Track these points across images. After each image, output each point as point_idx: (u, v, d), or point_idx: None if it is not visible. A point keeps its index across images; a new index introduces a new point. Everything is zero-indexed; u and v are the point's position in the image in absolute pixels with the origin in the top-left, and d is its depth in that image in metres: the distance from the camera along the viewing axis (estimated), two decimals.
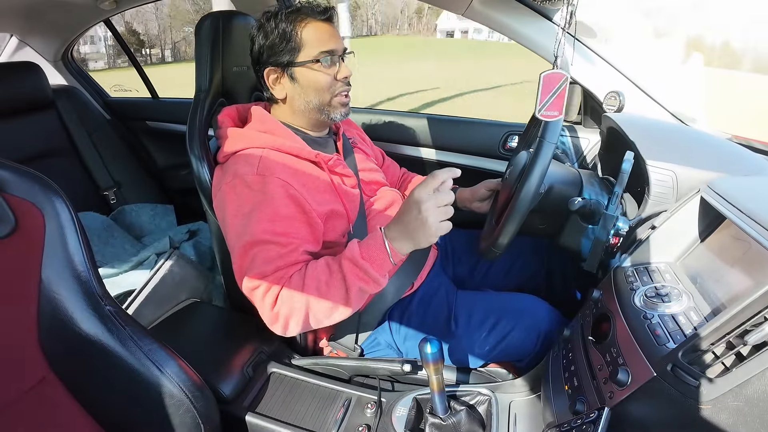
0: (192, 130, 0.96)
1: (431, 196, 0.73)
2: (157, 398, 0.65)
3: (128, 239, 1.74)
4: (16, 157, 1.63)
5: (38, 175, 0.62)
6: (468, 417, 0.76)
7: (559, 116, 0.77)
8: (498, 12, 1.19)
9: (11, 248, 0.59)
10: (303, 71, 0.90)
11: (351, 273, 0.78)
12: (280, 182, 0.83)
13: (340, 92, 0.93)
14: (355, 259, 0.78)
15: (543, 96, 0.73)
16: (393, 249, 0.78)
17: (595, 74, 1.20)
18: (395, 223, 0.79)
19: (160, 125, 2.12)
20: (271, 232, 0.81)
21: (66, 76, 2.06)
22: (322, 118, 0.95)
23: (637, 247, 0.80)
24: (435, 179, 0.74)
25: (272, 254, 0.81)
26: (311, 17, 0.89)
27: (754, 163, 0.86)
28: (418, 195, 0.74)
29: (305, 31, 0.88)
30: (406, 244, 0.77)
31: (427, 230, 0.74)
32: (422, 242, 0.76)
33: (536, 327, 0.93)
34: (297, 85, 0.91)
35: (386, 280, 0.81)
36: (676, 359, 0.54)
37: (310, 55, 0.89)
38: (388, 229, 0.80)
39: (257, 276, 0.80)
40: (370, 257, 0.78)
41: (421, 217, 0.73)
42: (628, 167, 0.75)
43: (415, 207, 0.74)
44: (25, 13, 1.68)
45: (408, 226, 0.76)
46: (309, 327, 0.82)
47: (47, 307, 0.60)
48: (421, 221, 0.73)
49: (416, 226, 0.74)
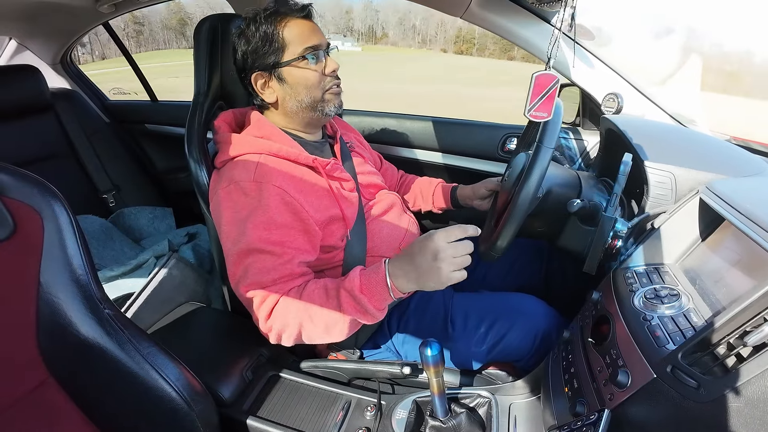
0: (190, 133, 0.96)
1: (451, 246, 0.70)
2: (155, 402, 0.64)
3: (127, 242, 1.74)
4: (15, 161, 1.62)
5: (37, 179, 0.62)
6: (468, 419, 0.76)
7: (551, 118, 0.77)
8: (496, 14, 1.19)
9: (10, 252, 0.58)
10: (290, 71, 0.90)
11: (347, 304, 0.77)
12: (277, 190, 0.83)
13: (330, 86, 0.93)
14: (353, 292, 0.76)
15: (533, 96, 0.73)
16: (395, 287, 0.75)
17: (594, 76, 1.21)
18: (403, 261, 0.74)
19: (159, 128, 2.12)
20: (266, 240, 0.80)
21: (65, 79, 2.06)
22: (316, 116, 0.95)
23: (636, 248, 0.80)
24: (459, 230, 0.71)
25: (267, 264, 0.80)
26: (291, 16, 0.89)
27: (752, 165, 0.86)
28: (438, 242, 0.70)
29: (287, 30, 0.88)
30: (409, 284, 0.74)
31: (439, 278, 0.70)
32: (428, 287, 0.73)
33: (534, 327, 0.92)
34: (286, 86, 0.91)
35: (383, 314, 0.79)
36: (676, 361, 0.54)
37: (295, 54, 0.88)
38: (393, 265, 0.75)
39: (253, 286, 0.80)
40: (370, 291, 0.76)
41: (435, 265, 0.70)
42: (627, 169, 0.75)
43: (431, 253, 0.70)
44: (25, 16, 1.68)
45: (418, 270, 0.72)
46: (300, 342, 0.83)
47: (46, 311, 0.60)
48: (435, 269, 0.70)
49: (428, 271, 0.71)
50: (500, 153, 1.46)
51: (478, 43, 72.57)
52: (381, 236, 0.99)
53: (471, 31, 70.92)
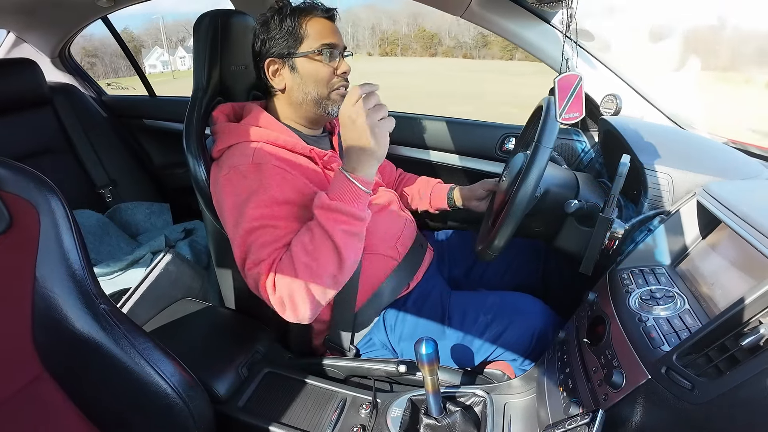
0: (189, 128, 0.96)
1: (356, 106, 0.75)
2: (150, 397, 0.64)
3: (124, 237, 1.73)
4: (12, 154, 1.62)
5: (34, 173, 0.61)
6: (463, 418, 0.76)
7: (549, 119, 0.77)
8: (496, 14, 1.19)
9: (5, 246, 0.58)
10: (303, 62, 0.91)
11: (327, 220, 0.78)
12: (277, 169, 0.84)
13: (338, 87, 0.94)
14: (324, 205, 0.78)
15: (561, 101, 0.73)
16: (357, 177, 0.79)
17: (593, 77, 1.21)
18: (345, 153, 0.80)
19: (157, 123, 2.11)
20: (268, 216, 0.81)
21: (63, 74, 2.05)
22: (319, 112, 0.95)
23: (632, 249, 0.80)
24: (353, 94, 0.76)
25: (267, 238, 0.81)
26: (315, 14, 0.91)
27: (749, 167, 0.87)
28: (344, 109, 0.77)
29: (309, 25, 0.90)
30: (365, 163, 0.78)
31: (373, 134, 0.75)
32: (376, 148, 0.77)
33: (531, 325, 0.93)
34: (297, 75, 0.92)
35: (366, 213, 0.81)
36: (670, 362, 0.54)
37: (312, 47, 0.90)
38: (344, 163, 0.80)
39: (254, 263, 0.80)
40: (339, 196, 0.78)
41: (357, 126, 0.75)
42: (625, 170, 0.75)
43: (349, 122, 0.76)
44: (23, 9, 1.67)
45: (355, 144, 0.77)
46: (317, 302, 0.80)
47: (41, 305, 0.59)
48: (362, 130, 0.75)
49: (359, 137, 0.76)
50: (498, 153, 1.46)
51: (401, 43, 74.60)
52: (378, 233, 0.98)
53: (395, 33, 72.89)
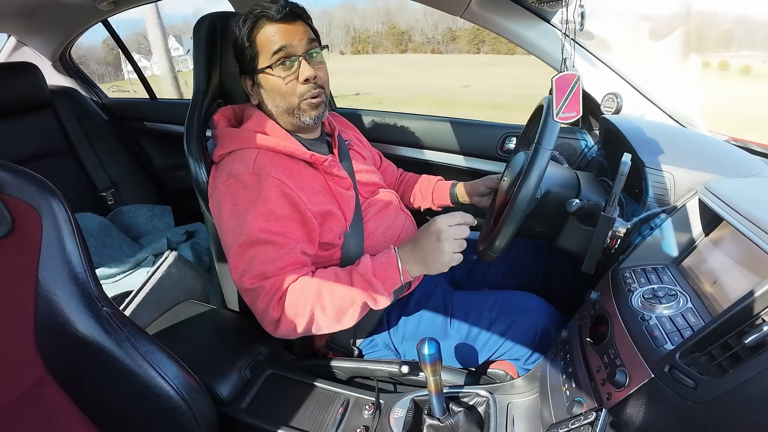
0: (189, 131, 0.96)
1: (453, 228, 0.77)
2: (153, 400, 0.64)
3: (125, 240, 1.73)
4: (14, 158, 1.62)
5: (35, 176, 0.61)
6: (466, 418, 0.76)
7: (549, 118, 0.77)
8: (496, 14, 1.19)
9: (8, 249, 0.58)
10: (265, 77, 0.89)
11: (360, 287, 0.79)
12: (276, 181, 0.83)
13: (307, 97, 0.89)
14: (366, 275, 0.80)
15: (558, 100, 0.74)
16: (405, 270, 0.80)
17: (593, 76, 1.21)
18: (410, 245, 0.81)
19: (158, 126, 2.11)
20: (267, 231, 0.81)
21: (64, 77, 2.05)
22: (295, 122, 0.93)
23: (634, 248, 0.80)
24: (459, 215, 0.79)
25: (270, 255, 0.80)
26: (264, 19, 0.86)
27: (751, 165, 0.86)
28: (441, 223, 0.77)
29: (260, 36, 0.86)
30: (417, 267, 0.80)
31: (442, 258, 0.77)
32: (433, 268, 0.79)
33: (534, 324, 0.93)
34: (263, 91, 0.91)
35: (390, 301, 0.83)
36: (673, 361, 0.54)
37: (267, 60, 0.87)
38: (402, 249, 0.81)
39: (258, 277, 0.80)
40: (382, 274, 0.80)
41: (439, 245, 0.76)
42: (626, 169, 0.75)
43: (435, 234, 0.77)
44: (24, 12, 1.67)
45: (424, 250, 0.78)
46: (308, 332, 0.83)
47: (44, 309, 0.59)
48: (439, 249, 0.76)
49: (432, 251, 0.77)
50: (499, 152, 1.46)
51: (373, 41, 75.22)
52: (377, 234, 0.99)
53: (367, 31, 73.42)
